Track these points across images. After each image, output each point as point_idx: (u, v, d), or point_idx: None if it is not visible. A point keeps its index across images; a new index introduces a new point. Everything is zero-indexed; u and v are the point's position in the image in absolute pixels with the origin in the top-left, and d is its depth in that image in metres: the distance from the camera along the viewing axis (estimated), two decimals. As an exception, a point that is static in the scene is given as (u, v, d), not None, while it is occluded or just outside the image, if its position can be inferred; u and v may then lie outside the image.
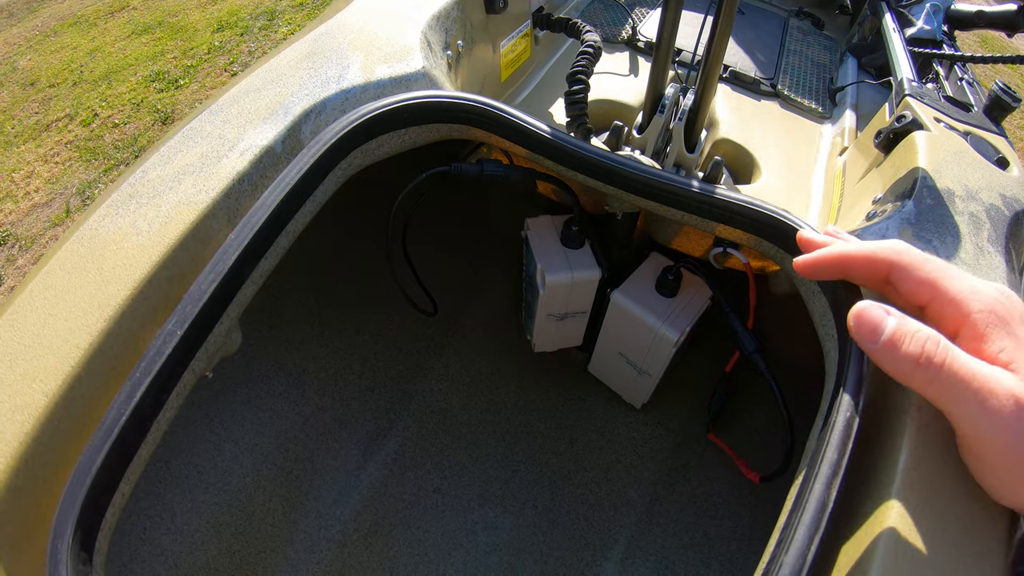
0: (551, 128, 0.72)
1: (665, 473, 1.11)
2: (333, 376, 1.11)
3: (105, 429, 0.49)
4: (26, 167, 2.92)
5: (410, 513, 1.04)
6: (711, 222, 0.72)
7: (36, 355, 0.53)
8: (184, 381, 0.57)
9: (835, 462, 0.48)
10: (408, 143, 0.76)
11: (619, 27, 1.25)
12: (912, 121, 0.83)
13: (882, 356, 0.42)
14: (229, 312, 0.61)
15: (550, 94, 1.10)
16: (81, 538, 0.46)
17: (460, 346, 1.25)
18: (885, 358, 0.42)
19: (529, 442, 1.14)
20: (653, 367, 1.02)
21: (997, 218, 0.71)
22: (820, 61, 1.28)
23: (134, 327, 0.57)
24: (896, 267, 0.45)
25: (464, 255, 1.34)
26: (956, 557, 0.45)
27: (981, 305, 0.41)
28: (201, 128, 0.70)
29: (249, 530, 0.94)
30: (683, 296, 0.97)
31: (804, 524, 0.45)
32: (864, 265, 0.47)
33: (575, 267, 0.94)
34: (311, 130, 0.71)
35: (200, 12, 3.96)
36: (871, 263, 0.47)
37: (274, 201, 0.61)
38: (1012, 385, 0.38)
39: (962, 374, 0.39)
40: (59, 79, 3.48)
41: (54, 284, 0.57)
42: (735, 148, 1.02)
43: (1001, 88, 0.93)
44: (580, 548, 1.04)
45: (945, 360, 0.39)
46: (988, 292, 0.42)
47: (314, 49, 0.79)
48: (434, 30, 0.85)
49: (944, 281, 0.43)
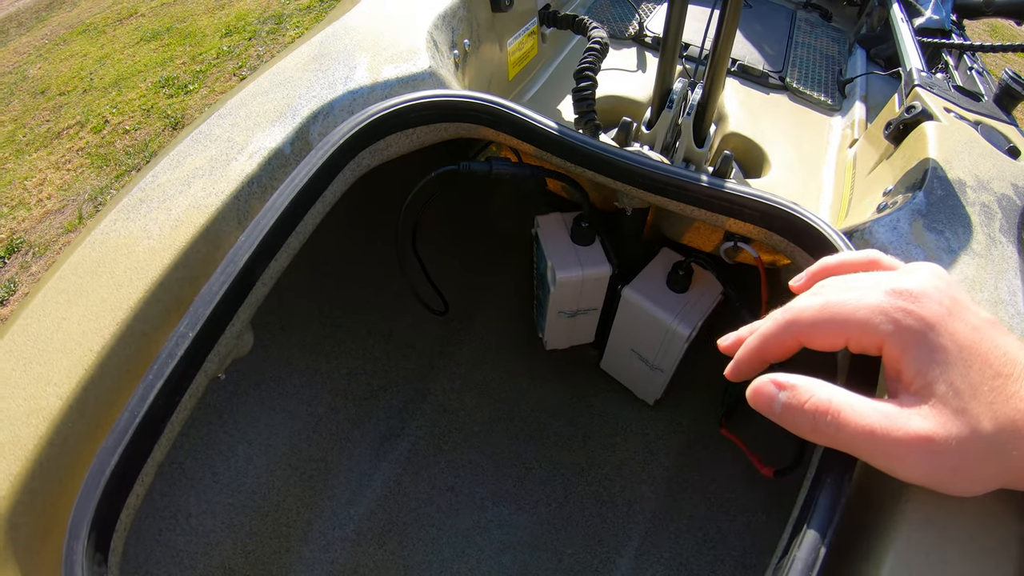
0: (559, 125, 0.72)
1: (678, 469, 1.11)
2: (346, 376, 1.11)
3: (119, 431, 0.49)
4: (38, 175, 2.95)
5: (424, 512, 1.04)
6: (721, 216, 0.72)
7: (50, 358, 0.53)
8: (197, 383, 0.58)
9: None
10: (416, 143, 0.76)
11: (626, 23, 1.25)
12: (922, 112, 0.82)
13: (785, 424, 0.42)
14: (240, 314, 0.61)
15: (558, 91, 1.10)
16: (96, 539, 0.47)
17: (472, 345, 1.25)
18: (788, 426, 0.42)
19: (542, 440, 1.14)
20: (665, 363, 1.02)
21: (1009, 208, 0.70)
22: (829, 53, 1.27)
23: (146, 330, 0.57)
24: (799, 335, 0.44)
25: (476, 254, 1.34)
26: (972, 550, 0.45)
27: (888, 324, 0.39)
28: (210, 132, 0.71)
29: (264, 530, 0.95)
30: (694, 291, 0.96)
31: (817, 517, 0.45)
32: (775, 347, 0.46)
33: (585, 264, 0.94)
34: (319, 132, 0.71)
35: (208, 17, 3.98)
36: (777, 343, 0.45)
37: (283, 203, 0.61)
38: (917, 427, 0.36)
39: (860, 431, 0.38)
40: (69, 87, 3.51)
41: (67, 288, 0.58)
42: (744, 142, 1.02)
43: (1011, 77, 0.92)
44: (594, 545, 1.04)
45: (838, 422, 0.38)
46: (891, 303, 0.39)
47: (321, 51, 0.80)
48: (440, 29, 0.86)
49: (843, 317, 0.41)
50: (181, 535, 0.88)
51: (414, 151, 0.78)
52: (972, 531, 0.45)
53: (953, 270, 0.63)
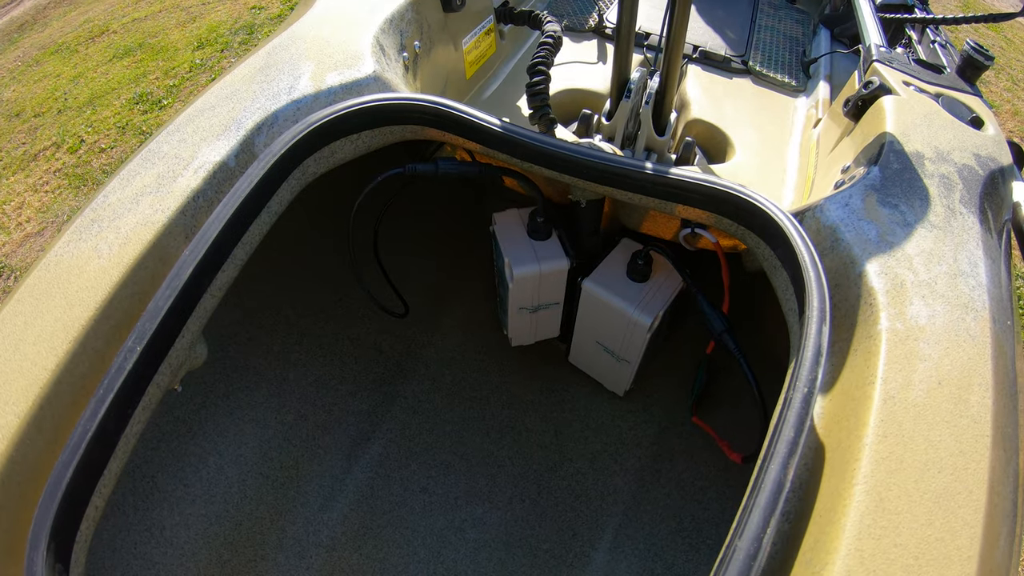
0: (502, 121, 0.73)
1: (651, 459, 1.12)
2: (314, 383, 1.12)
3: (72, 446, 0.50)
4: (16, 198, 2.93)
5: (398, 514, 1.05)
6: (670, 203, 0.73)
7: (7, 379, 0.55)
8: (149, 395, 0.59)
9: (792, 440, 0.48)
10: (362, 148, 0.77)
11: (587, 15, 1.25)
12: (880, 87, 0.83)
13: None
14: (190, 325, 0.62)
15: (519, 87, 1.10)
16: (56, 549, 0.48)
17: (440, 346, 1.25)
18: None
19: (514, 437, 1.15)
20: (631, 353, 1.02)
21: (971, 178, 0.71)
22: (792, 35, 1.28)
23: (99, 346, 0.58)
24: None
25: (440, 255, 1.35)
26: (930, 533, 0.45)
27: None
28: (158, 149, 0.71)
29: (238, 539, 0.95)
30: (655, 280, 0.97)
31: (760, 506, 0.45)
32: None
33: (542, 259, 0.95)
34: (264, 143, 0.72)
35: (180, 31, 3.96)
36: None
37: (227, 214, 0.62)
38: None
39: None
40: (44, 108, 3.49)
41: (23, 311, 0.59)
42: (707, 128, 1.02)
43: (973, 47, 0.92)
44: (569, 539, 1.04)
45: None
46: None
47: (268, 62, 0.80)
48: (387, 33, 0.86)
49: None
50: (156, 548, 0.89)
51: (370, 154, 0.79)
52: (927, 513, 0.45)
53: (909, 243, 0.63)
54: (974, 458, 0.48)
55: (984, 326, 0.57)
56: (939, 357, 0.54)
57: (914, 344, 0.55)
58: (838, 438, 0.53)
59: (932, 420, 0.51)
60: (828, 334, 0.54)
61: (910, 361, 0.54)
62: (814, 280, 0.58)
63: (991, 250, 0.65)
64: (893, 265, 0.61)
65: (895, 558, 0.43)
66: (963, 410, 0.51)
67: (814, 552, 0.46)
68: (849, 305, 0.61)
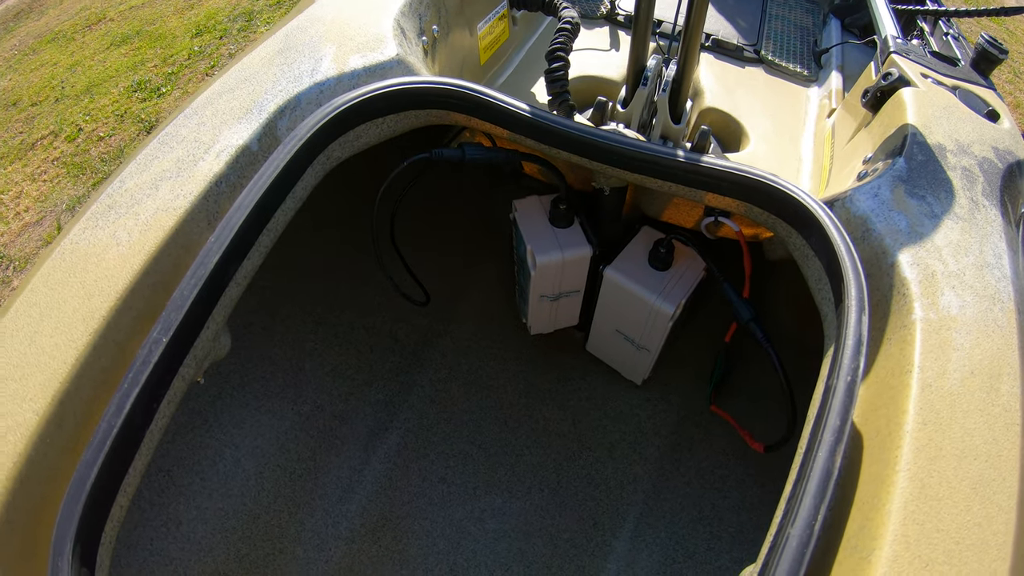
0: (530, 107, 0.71)
1: (670, 448, 1.11)
2: (331, 373, 1.10)
3: (96, 444, 0.48)
4: (15, 187, 2.90)
5: (416, 504, 1.04)
6: (699, 191, 0.72)
7: (24, 374, 0.53)
8: (174, 389, 0.57)
9: (838, 428, 0.48)
10: (387, 132, 0.75)
11: (598, 2, 1.24)
12: (899, 78, 0.82)
13: None
14: (215, 315, 0.60)
15: (532, 73, 1.09)
16: (81, 554, 0.46)
17: (457, 334, 1.24)
18: None
19: (531, 425, 1.14)
20: (651, 342, 1.02)
21: (991, 171, 0.71)
22: (803, 24, 1.27)
23: (120, 338, 0.56)
24: None
25: (457, 242, 1.33)
26: (968, 519, 0.45)
27: None
28: (176, 132, 0.69)
29: (256, 533, 0.94)
30: (677, 268, 0.96)
31: (810, 493, 0.45)
32: None
33: (565, 246, 0.94)
34: (287, 126, 0.70)
35: (178, 18, 3.92)
36: None
37: (252, 200, 0.60)
38: None
39: None
40: (41, 96, 3.45)
41: (38, 301, 0.57)
42: (722, 117, 1.01)
43: (987, 40, 0.93)
44: (589, 529, 1.03)
45: None
46: None
47: (286, 44, 0.78)
48: (407, 17, 0.84)
49: None
50: (173, 543, 0.87)
51: (393, 140, 0.77)
52: (965, 499, 0.45)
53: (937, 234, 0.64)
54: (1006, 446, 0.50)
55: (1011, 317, 0.58)
56: (971, 347, 0.55)
57: (947, 334, 0.56)
58: (876, 426, 0.53)
59: (967, 408, 0.52)
60: (868, 323, 0.54)
61: (944, 351, 0.55)
62: (851, 269, 0.58)
63: (1013, 242, 0.66)
64: (924, 256, 0.62)
65: (937, 543, 0.44)
66: (995, 399, 0.52)
67: (859, 538, 0.46)
68: (882, 295, 0.62)
